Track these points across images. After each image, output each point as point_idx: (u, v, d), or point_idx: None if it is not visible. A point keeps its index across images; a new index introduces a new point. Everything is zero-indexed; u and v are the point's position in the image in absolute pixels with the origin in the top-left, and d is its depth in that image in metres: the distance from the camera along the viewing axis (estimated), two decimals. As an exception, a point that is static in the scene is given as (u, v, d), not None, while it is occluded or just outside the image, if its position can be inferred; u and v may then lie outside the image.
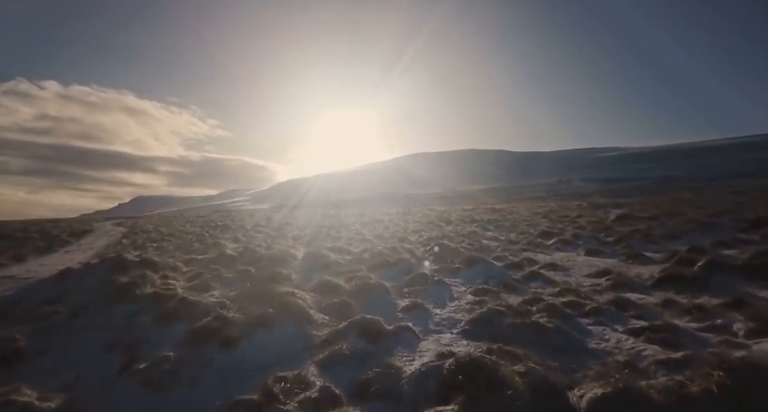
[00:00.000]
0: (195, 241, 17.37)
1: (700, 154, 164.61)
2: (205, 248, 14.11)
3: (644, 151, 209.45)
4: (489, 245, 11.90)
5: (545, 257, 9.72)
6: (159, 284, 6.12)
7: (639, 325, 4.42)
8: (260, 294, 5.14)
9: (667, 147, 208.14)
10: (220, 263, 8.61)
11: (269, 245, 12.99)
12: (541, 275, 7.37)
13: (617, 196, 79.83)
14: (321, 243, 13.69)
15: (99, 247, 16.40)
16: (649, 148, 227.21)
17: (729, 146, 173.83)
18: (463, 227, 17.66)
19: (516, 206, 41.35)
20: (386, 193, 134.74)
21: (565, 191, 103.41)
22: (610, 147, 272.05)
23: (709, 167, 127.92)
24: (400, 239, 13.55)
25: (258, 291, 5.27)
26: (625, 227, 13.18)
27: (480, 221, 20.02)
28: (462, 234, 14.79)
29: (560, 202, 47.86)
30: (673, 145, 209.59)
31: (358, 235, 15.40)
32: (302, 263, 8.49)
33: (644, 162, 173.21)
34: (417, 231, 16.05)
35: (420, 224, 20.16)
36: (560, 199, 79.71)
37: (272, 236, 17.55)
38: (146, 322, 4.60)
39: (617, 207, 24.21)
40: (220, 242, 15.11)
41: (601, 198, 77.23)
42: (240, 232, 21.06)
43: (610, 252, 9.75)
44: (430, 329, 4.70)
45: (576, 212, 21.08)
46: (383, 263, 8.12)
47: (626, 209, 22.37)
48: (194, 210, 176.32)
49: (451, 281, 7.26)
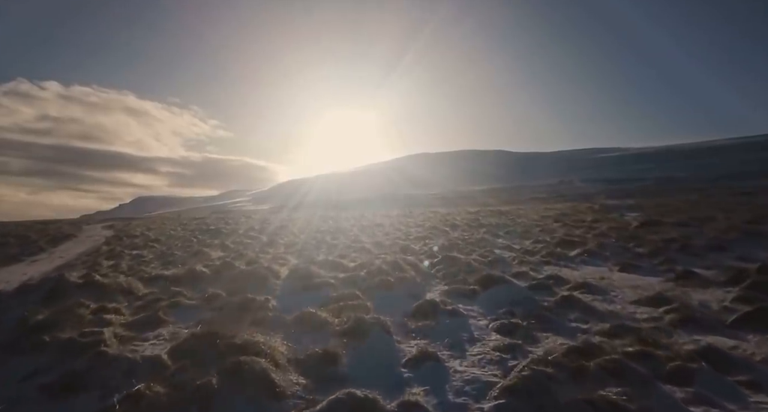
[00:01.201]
0: (179, 248, 15.95)
1: (700, 155, 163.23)
2: (185, 258, 12.68)
3: (645, 152, 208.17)
4: (503, 256, 10.46)
5: (572, 273, 8.28)
6: (88, 320, 4.69)
7: (765, 405, 2.98)
8: (213, 343, 3.70)
9: (667, 147, 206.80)
10: (188, 283, 7.18)
11: (255, 257, 11.57)
12: (577, 300, 5.93)
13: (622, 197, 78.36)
14: (313, 254, 12.26)
15: (72, 256, 14.95)
16: (649, 148, 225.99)
17: (729, 146, 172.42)
18: (471, 233, 16.21)
19: (521, 207, 39.90)
20: (387, 194, 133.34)
21: (568, 192, 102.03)
22: (611, 147, 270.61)
23: (710, 168, 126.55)
24: (402, 248, 12.11)
25: (211, 338, 3.83)
26: (654, 235, 11.72)
27: (488, 226, 18.56)
28: (470, 242, 13.34)
29: (567, 204, 46.41)
30: (674, 146, 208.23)
31: (355, 243, 13.96)
32: (286, 283, 7.05)
33: (645, 162, 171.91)
34: (420, 238, 14.60)
35: (423, 229, 18.72)
36: (564, 201, 78.33)
37: (263, 243, 16.12)
38: (33, 395, 3.16)
39: (632, 210, 22.74)
40: (204, 250, 13.68)
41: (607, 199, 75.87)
42: (231, 237, 19.63)
43: (649, 268, 8.31)
44: (449, 404, 3.25)
45: (590, 216, 19.62)
46: (383, 284, 6.69)
47: (642, 211, 20.93)
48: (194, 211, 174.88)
49: (467, 309, 5.82)
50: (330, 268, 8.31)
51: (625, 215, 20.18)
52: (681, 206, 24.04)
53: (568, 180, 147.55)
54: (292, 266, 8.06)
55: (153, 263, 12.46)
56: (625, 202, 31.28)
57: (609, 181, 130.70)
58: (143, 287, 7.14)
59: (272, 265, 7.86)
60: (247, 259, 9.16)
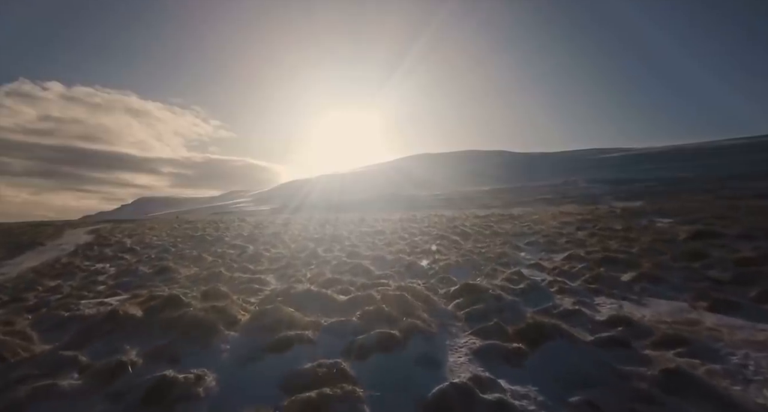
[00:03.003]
0: (149, 261, 13.81)
1: (705, 155, 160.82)
2: (145, 278, 10.55)
3: (648, 152, 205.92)
4: (535, 279, 8.24)
5: (642, 313, 6.05)
6: None
7: None
8: None
9: (670, 148, 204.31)
10: (102, 335, 4.99)
11: (214, 288, 9.43)
12: (693, 381, 3.72)
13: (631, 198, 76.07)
14: (300, 273, 10.08)
15: (14, 273, 12.78)
16: (653, 149, 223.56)
17: (733, 147, 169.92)
18: (486, 243, 13.96)
19: (531, 210, 37.56)
20: (388, 195, 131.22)
21: (573, 193, 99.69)
22: (613, 148, 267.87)
23: (716, 168, 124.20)
24: (407, 267, 9.90)
25: None
26: (720, 251, 9.48)
27: (503, 235, 16.31)
28: (489, 257, 11.11)
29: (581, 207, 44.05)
30: (677, 146, 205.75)
31: (351, 257, 11.77)
32: (243, 336, 4.86)
33: (649, 163, 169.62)
34: (428, 252, 12.36)
35: (430, 237, 16.50)
36: (572, 202, 76.07)
37: (247, 256, 13.95)
38: None
39: (662, 215, 20.41)
40: (171, 266, 11.53)
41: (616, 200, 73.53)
42: (214, 246, 17.50)
43: (749, 307, 6.06)
44: None
45: (618, 223, 17.32)
46: (383, 342, 4.48)
47: (676, 217, 18.65)
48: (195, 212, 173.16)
49: (517, 393, 3.61)
50: (312, 304, 6.12)
51: (656, 221, 17.91)
52: (718, 208, 21.73)
53: (572, 181, 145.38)
54: (259, 306, 5.85)
55: (106, 282, 10.33)
56: (655, 207, 28.92)
57: (614, 182, 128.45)
58: (37, 340, 4.97)
59: (232, 305, 5.66)
60: (206, 289, 6.98)
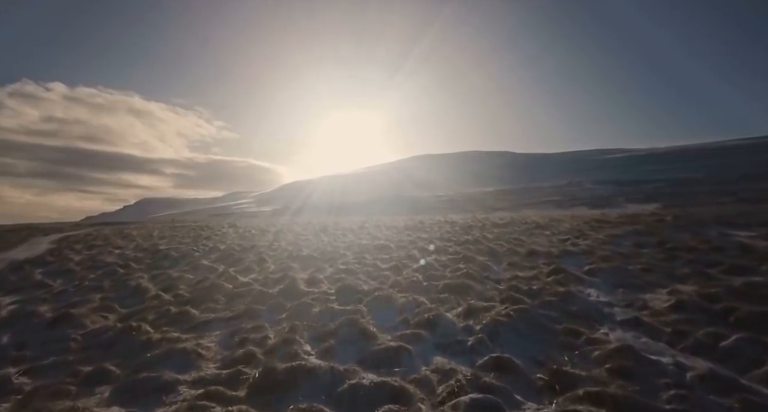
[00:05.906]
0: (62, 298, 10.41)
1: (709, 156, 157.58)
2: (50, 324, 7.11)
3: (653, 153, 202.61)
4: (664, 367, 4.81)
5: None
6: None
7: None
8: None
9: (674, 148, 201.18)
10: None
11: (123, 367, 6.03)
12: None
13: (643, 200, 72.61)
14: (253, 337, 6.63)
15: None
16: (656, 149, 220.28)
17: (737, 147, 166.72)
18: (530, 271, 10.47)
19: (547, 213, 34.14)
20: (391, 196, 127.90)
21: (581, 195, 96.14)
22: (616, 148, 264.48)
23: (723, 169, 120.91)
24: (429, 325, 6.45)
25: None
26: None
27: (546, 255, 12.71)
28: (549, 302, 7.64)
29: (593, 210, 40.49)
30: (680, 147, 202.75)
31: (343, 302, 8.31)
32: None
33: (654, 163, 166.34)
34: (455, 289, 8.83)
35: (446, 256, 13.01)
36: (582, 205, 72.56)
37: (200, 290, 10.50)
38: None
39: (724, 224, 16.95)
40: (78, 312, 8.10)
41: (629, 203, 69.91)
42: (173, 268, 13.97)
43: None
44: None
45: (688, 236, 13.83)
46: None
47: (743, 227, 15.27)
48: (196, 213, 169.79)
49: None
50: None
51: (730, 234, 14.43)
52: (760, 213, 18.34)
53: (577, 182, 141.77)
54: None
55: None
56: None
57: (619, 183, 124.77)
58: None
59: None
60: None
